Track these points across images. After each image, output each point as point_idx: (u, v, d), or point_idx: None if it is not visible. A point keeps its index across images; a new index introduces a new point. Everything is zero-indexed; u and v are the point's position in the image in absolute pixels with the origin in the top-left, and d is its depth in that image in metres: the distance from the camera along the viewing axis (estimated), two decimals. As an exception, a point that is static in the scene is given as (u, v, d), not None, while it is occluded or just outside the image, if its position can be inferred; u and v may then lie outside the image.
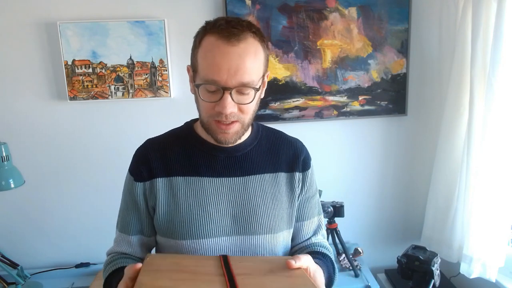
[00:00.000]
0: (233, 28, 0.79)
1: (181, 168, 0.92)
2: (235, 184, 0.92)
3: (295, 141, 1.03)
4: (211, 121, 0.85)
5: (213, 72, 0.79)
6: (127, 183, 0.96)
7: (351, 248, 1.97)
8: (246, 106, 0.83)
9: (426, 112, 2.07)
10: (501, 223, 1.60)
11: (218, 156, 0.93)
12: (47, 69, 1.88)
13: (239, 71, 0.78)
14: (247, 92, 0.82)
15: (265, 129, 1.02)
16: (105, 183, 1.99)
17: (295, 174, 0.98)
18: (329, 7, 1.91)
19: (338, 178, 2.11)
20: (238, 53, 0.78)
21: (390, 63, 1.99)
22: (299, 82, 1.97)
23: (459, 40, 1.74)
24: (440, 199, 1.89)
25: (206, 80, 0.80)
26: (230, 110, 0.81)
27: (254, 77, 0.81)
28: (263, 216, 0.92)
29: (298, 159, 0.99)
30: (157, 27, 1.85)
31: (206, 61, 0.80)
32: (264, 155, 0.96)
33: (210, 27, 0.81)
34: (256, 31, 0.82)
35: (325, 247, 1.02)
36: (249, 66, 0.79)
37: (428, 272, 1.60)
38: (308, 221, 1.02)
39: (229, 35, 0.78)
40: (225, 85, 0.79)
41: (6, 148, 1.67)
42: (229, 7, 1.86)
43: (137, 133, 2.01)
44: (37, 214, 2.01)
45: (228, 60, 0.78)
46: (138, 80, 1.89)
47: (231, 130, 0.85)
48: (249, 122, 0.88)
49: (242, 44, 0.79)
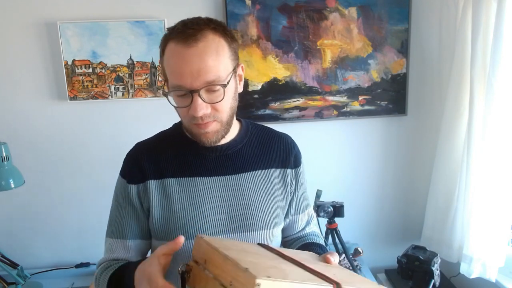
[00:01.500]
0: (190, 29, 0.78)
1: (173, 169, 0.91)
2: (228, 182, 0.92)
3: (285, 137, 1.04)
4: (191, 125, 0.86)
5: (177, 78, 0.79)
6: (120, 187, 0.95)
7: (351, 248, 1.97)
8: (219, 104, 0.82)
9: (426, 112, 2.07)
10: (501, 223, 1.60)
11: (209, 155, 0.93)
12: (47, 69, 1.88)
13: (201, 71, 0.78)
14: (216, 89, 0.80)
15: (255, 126, 1.02)
16: (105, 183, 1.98)
17: (287, 170, 1.00)
18: (329, 7, 1.91)
19: (338, 178, 2.11)
20: (197, 54, 0.78)
21: (390, 63, 1.99)
22: (299, 82, 1.97)
23: (459, 40, 1.74)
24: (440, 199, 1.89)
25: (173, 86, 0.81)
26: (202, 112, 0.80)
27: (220, 73, 0.80)
28: (257, 212, 0.93)
29: (290, 155, 1.01)
30: (157, 27, 1.85)
31: (170, 68, 0.81)
32: (255, 152, 0.97)
33: (169, 33, 0.81)
34: (217, 26, 0.82)
35: (318, 235, 1.10)
36: (211, 64, 0.78)
37: (428, 272, 1.60)
38: (302, 214, 1.08)
39: (186, 37, 0.78)
40: (191, 88, 0.78)
41: (6, 148, 1.67)
42: (229, 7, 1.86)
43: (137, 133, 2.00)
44: (37, 214, 2.01)
45: (189, 63, 0.77)
46: (138, 80, 1.89)
47: (210, 129, 0.84)
48: (228, 119, 0.87)
49: (201, 43, 0.78)
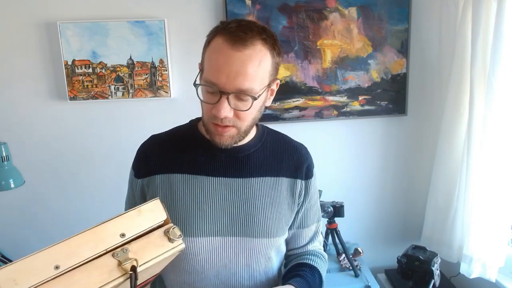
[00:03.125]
0: (242, 33, 0.77)
1: (180, 165, 0.92)
2: (234, 185, 0.91)
3: (299, 147, 1.01)
4: (209, 123, 0.85)
5: (213, 75, 0.78)
6: (130, 176, 0.98)
7: (351, 248, 1.97)
8: (243, 113, 0.82)
9: (426, 112, 2.07)
10: (501, 223, 1.60)
11: (219, 156, 0.92)
12: (47, 69, 1.88)
13: (238, 77, 0.77)
14: (245, 98, 0.80)
15: (271, 133, 1.01)
16: (105, 182, 1.99)
17: (297, 181, 0.96)
18: (329, 7, 1.91)
19: (338, 178, 2.11)
20: (240, 59, 0.77)
21: (390, 63, 1.99)
22: (299, 82, 1.97)
23: (459, 40, 1.74)
24: (440, 199, 1.89)
25: (206, 81, 0.80)
26: (224, 115, 0.79)
27: (254, 85, 0.79)
28: (260, 219, 0.90)
29: (302, 166, 0.97)
30: (157, 27, 1.85)
31: (210, 62, 0.80)
32: (266, 159, 0.95)
33: (221, 28, 0.80)
34: (268, 38, 0.81)
35: (317, 255, 1.02)
36: (250, 73, 0.78)
37: (428, 272, 1.60)
38: (307, 228, 1.01)
39: (236, 39, 0.77)
40: (222, 89, 0.78)
41: (6, 148, 1.66)
42: (229, 7, 1.86)
43: (137, 133, 2.00)
44: (37, 214, 2.01)
45: (229, 64, 0.77)
46: (138, 80, 1.89)
47: (226, 133, 0.84)
48: (247, 129, 0.87)
49: (248, 51, 0.77)
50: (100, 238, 0.59)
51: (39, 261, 0.54)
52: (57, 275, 0.54)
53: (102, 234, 0.59)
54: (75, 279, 0.55)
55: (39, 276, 0.53)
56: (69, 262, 0.55)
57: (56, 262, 0.55)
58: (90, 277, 0.55)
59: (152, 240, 0.62)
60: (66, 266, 0.55)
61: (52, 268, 0.54)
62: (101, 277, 0.56)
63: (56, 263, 0.55)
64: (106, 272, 0.56)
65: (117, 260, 0.58)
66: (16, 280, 0.52)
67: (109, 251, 0.59)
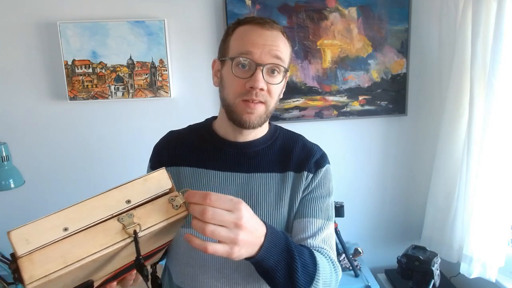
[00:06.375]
0: (264, 21, 0.87)
1: (190, 159, 0.95)
2: (240, 179, 0.92)
3: (311, 145, 1.00)
4: (238, 102, 0.86)
5: (248, 45, 0.84)
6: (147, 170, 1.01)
7: (351, 248, 1.97)
8: (274, 87, 0.87)
9: (426, 112, 2.07)
10: (501, 223, 1.60)
11: (229, 151, 0.94)
12: (47, 69, 1.88)
13: (273, 47, 0.84)
14: (277, 72, 0.86)
15: (284, 132, 1.02)
16: (105, 182, 1.98)
17: (304, 173, 0.93)
18: (329, 7, 1.91)
19: (338, 178, 2.08)
20: (272, 35, 0.86)
21: (390, 63, 1.99)
22: (299, 82, 1.97)
23: (459, 40, 1.74)
24: (440, 199, 1.89)
25: (241, 52, 0.84)
26: (261, 85, 0.83)
27: (285, 57, 0.87)
28: (264, 215, 0.91)
29: (310, 160, 0.96)
30: (157, 27, 1.85)
31: (242, 40, 0.86)
32: (275, 155, 0.96)
33: (243, 20, 0.89)
34: (284, 33, 0.90)
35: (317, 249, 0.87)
36: (281, 47, 0.86)
37: (428, 272, 1.60)
38: (307, 219, 0.91)
39: (263, 23, 0.86)
40: (258, 60, 0.83)
41: (6, 148, 1.66)
42: (229, 7, 1.86)
43: (137, 133, 2.01)
44: (37, 214, 2.00)
45: (263, 38, 0.84)
46: (138, 80, 1.89)
47: (256, 110, 0.86)
48: (272, 108, 0.91)
49: (275, 31, 0.86)
50: (107, 203, 0.63)
51: (49, 223, 0.60)
52: (65, 236, 0.59)
53: (108, 200, 0.64)
54: (82, 240, 0.59)
55: (49, 236, 0.59)
56: (77, 224, 0.60)
57: (65, 225, 0.60)
58: (95, 238, 0.60)
59: (157, 206, 0.66)
60: (74, 228, 0.60)
61: (61, 229, 0.59)
62: (106, 239, 0.60)
63: (65, 225, 0.60)
64: (110, 234, 0.61)
65: (122, 224, 0.62)
66: (28, 239, 0.58)
67: (114, 216, 0.63)
